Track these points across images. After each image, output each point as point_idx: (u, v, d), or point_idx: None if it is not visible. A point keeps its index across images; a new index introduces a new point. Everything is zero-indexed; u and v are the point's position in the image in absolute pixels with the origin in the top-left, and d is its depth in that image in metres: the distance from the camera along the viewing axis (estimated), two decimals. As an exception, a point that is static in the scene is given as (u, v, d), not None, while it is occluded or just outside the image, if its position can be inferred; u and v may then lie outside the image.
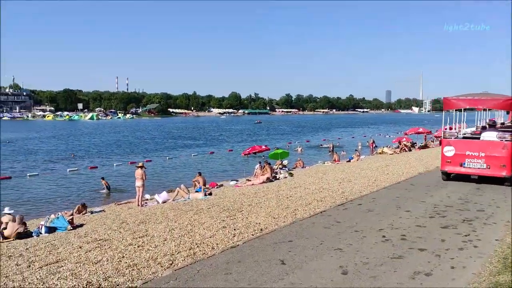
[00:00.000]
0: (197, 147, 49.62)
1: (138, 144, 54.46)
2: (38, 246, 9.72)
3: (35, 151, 44.52)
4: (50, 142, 56.25)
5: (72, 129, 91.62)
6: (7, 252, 9.41)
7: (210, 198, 16.22)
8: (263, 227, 9.49)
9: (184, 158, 38.74)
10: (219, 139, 63.83)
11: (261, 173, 22.54)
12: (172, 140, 60.51)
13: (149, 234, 9.61)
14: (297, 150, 42.98)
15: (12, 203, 19.34)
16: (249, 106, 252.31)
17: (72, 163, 34.47)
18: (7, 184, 25.40)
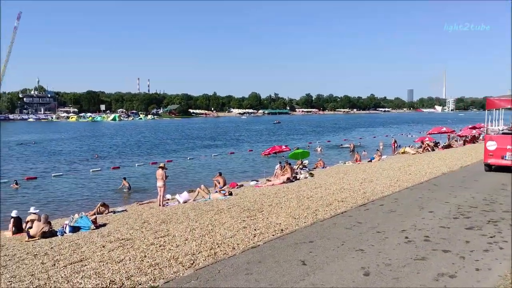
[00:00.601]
0: (217, 148, 49.85)
1: (159, 144, 55.04)
2: (63, 245, 9.92)
3: (59, 152, 45.44)
4: (74, 143, 57.33)
5: (95, 130, 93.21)
6: (32, 251, 9.64)
7: (230, 198, 16.26)
8: (283, 228, 9.46)
9: (205, 158, 38.97)
10: (239, 139, 63.97)
11: (282, 173, 22.47)
12: (193, 141, 60.94)
13: (170, 234, 9.70)
14: (317, 150, 42.76)
15: (37, 202, 19.83)
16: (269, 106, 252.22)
17: (95, 164, 35.05)
18: (32, 184, 26.00)
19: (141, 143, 57.79)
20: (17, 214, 14.04)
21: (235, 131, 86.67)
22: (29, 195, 22.97)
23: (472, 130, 45.77)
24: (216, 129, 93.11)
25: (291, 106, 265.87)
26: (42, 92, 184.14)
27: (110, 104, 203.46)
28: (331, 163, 31.55)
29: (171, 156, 40.03)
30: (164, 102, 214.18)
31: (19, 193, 23.52)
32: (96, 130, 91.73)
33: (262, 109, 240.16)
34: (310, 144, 49.75)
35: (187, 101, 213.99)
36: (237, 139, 63.50)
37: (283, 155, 33.98)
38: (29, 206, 16.43)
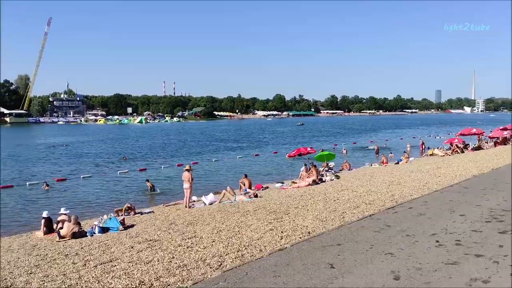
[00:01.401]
0: (241, 150, 49.99)
1: (184, 146, 55.61)
2: (92, 246, 10.13)
3: (87, 154, 46.44)
4: (102, 146, 58.50)
5: (122, 132, 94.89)
6: (64, 251, 9.87)
7: (256, 200, 16.28)
8: (310, 230, 9.40)
9: (230, 160, 39.13)
10: (263, 141, 64.01)
11: (307, 176, 22.34)
12: (217, 143, 61.32)
13: (197, 235, 9.77)
14: (343, 152, 42.38)
15: (67, 203, 20.30)
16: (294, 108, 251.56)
17: (123, 166, 35.66)
18: (62, 185, 26.64)
19: (166, 145, 58.50)
20: (48, 215, 14.40)
21: (259, 133, 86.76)
22: (59, 196, 23.54)
23: (503, 131, 44.43)
24: (241, 131, 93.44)
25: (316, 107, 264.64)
26: (72, 96, 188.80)
27: (136, 107, 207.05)
28: (357, 165, 31.20)
29: (196, 158, 40.36)
30: (189, 104, 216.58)
31: (50, 194, 24.15)
32: (123, 133, 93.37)
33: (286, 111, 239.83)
34: (336, 146, 49.34)
35: (212, 104, 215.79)
36: (262, 141, 63.56)
37: (308, 157, 33.78)
38: (59, 207, 16.86)
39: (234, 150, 49.93)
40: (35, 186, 26.04)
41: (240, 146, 54.95)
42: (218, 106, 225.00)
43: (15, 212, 19.62)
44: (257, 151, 47.67)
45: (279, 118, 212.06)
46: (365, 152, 43.74)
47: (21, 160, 40.99)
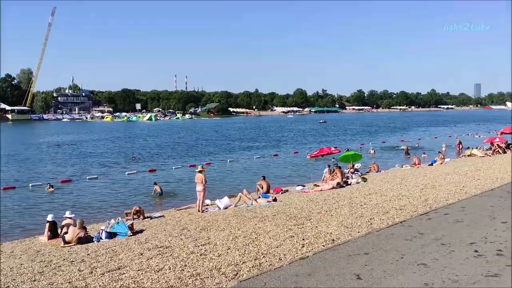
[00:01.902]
0: (258, 149, 50.04)
1: (197, 146, 55.94)
2: (99, 252, 10.28)
3: (94, 154, 47.10)
4: (109, 145, 59.25)
5: (130, 130, 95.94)
6: (69, 257, 10.05)
7: (274, 204, 16.30)
8: (335, 238, 9.38)
9: (246, 161, 39.22)
10: (283, 140, 63.96)
11: (331, 178, 22.26)
12: (233, 142, 61.50)
13: (211, 242, 9.84)
14: (370, 152, 42.06)
15: (72, 206, 20.63)
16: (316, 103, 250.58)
17: (131, 166, 36.06)
18: (67, 187, 27.08)
19: (178, 144, 58.95)
20: (52, 219, 14.66)
21: (278, 131, 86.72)
22: (63, 198, 23.94)
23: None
24: (258, 129, 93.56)
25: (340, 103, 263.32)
26: (77, 91, 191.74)
27: (146, 103, 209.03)
28: (386, 167, 30.94)
29: (209, 159, 40.57)
30: (202, 100, 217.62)
31: (54, 196, 24.57)
32: (132, 131, 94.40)
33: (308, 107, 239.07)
34: (362, 146, 49.00)
35: (226, 99, 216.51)
36: (281, 140, 63.50)
37: (332, 158, 33.66)
38: (64, 210, 17.14)
39: (251, 149, 50.01)
40: (39, 188, 26.52)
41: (257, 146, 55.02)
42: (234, 102, 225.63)
43: (17, 215, 20.02)
44: (276, 151, 47.64)
45: (300, 114, 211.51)
46: (395, 153, 43.31)
47: (23, 160, 41.81)
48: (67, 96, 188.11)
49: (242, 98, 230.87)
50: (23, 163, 39.85)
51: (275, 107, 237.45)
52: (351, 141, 59.01)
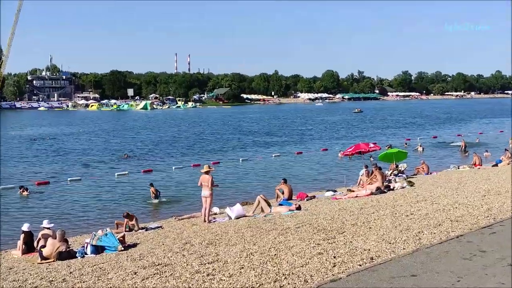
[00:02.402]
0: (278, 146, 50.10)
1: (202, 141, 56.23)
2: (84, 270, 10.40)
3: (76, 150, 47.66)
4: (95, 139, 59.90)
5: (121, 122, 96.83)
6: (47, 276, 10.19)
7: (298, 213, 16.30)
8: (374, 255, 9.34)
9: (262, 160, 39.28)
10: (308, 134, 63.92)
11: (369, 182, 22.19)
12: (246, 136, 61.66)
13: (220, 259, 9.88)
14: (418, 149, 41.83)
15: (51, 214, 20.89)
16: (351, 89, 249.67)
17: (122, 166, 36.39)
18: (44, 190, 27.43)
19: (178, 139, 59.32)
20: (29, 229, 14.87)
21: (303, 123, 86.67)
22: (40, 204, 24.27)
23: None
24: (277, 121, 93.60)
25: (381, 88, 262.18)
26: (56, 73, 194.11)
27: (139, 88, 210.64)
28: (438, 168, 30.76)
29: (217, 157, 40.73)
30: (209, 84, 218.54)
31: (28, 201, 24.92)
32: (123, 122, 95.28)
33: (340, 93, 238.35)
34: (408, 142, 48.73)
35: (239, 83, 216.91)
36: (306, 134, 63.50)
37: (370, 157, 33.51)
38: (40, 219, 17.35)
39: (268, 146, 50.08)
40: (10, 192, 26.91)
41: (276, 141, 55.07)
42: (248, 86, 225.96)
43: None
44: (300, 147, 47.64)
45: (331, 102, 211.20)
46: (450, 150, 43.00)
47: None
48: (44, 79, 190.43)
49: (258, 82, 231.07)
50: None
51: (299, 93, 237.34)
52: (394, 136, 58.72)
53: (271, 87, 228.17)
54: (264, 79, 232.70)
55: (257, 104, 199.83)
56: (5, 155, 43.98)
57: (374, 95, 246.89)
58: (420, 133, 60.53)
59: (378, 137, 56.80)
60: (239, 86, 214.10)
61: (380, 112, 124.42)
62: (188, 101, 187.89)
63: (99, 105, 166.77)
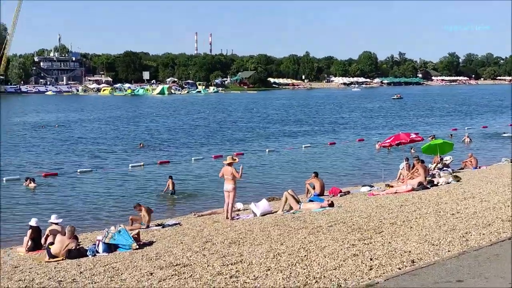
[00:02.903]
0: (308, 136, 49.97)
1: (224, 130, 56.32)
2: (96, 270, 10.55)
3: (87, 139, 48.14)
4: (107, 127, 60.43)
5: (136, 108, 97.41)
6: (56, 276, 10.36)
7: (331, 210, 16.27)
8: (415, 258, 9.29)
9: (291, 151, 39.22)
10: (342, 123, 63.60)
11: (410, 176, 22.06)
12: (273, 125, 61.58)
13: (244, 260, 9.92)
14: (465, 140, 41.35)
15: (59, 209, 21.19)
16: (390, 72, 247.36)
17: (136, 156, 36.66)
18: (52, 183, 27.80)
19: (199, 127, 59.53)
20: (37, 224, 15.11)
21: (336, 110, 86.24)
22: (48, 198, 24.60)
23: None
24: (308, 108, 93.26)
25: (425, 72, 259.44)
26: (65, 54, 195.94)
27: (156, 71, 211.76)
28: (488, 162, 30.36)
29: (241, 148, 40.79)
30: (232, 67, 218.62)
31: (36, 194, 25.30)
32: (137, 109, 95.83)
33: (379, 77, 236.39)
34: (455, 132, 48.17)
35: (265, 66, 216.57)
36: (339, 123, 63.18)
37: (412, 148, 33.25)
38: (48, 214, 17.61)
39: (298, 136, 49.98)
40: (15, 183, 27.33)
41: (306, 130, 54.91)
42: (275, 69, 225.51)
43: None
44: (333, 137, 47.42)
45: (368, 87, 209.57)
46: (502, 142, 42.39)
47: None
48: (52, 61, 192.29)
49: (287, 65, 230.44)
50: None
51: (332, 76, 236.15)
52: (438, 125, 58.10)
53: (301, 70, 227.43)
54: (293, 61, 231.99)
55: (286, 89, 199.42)
56: (9, 144, 44.65)
57: (417, 79, 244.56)
58: (468, 123, 59.77)
59: (420, 126, 56.27)
60: (265, 69, 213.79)
61: (423, 98, 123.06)
62: (209, 85, 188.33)
63: (111, 89, 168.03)
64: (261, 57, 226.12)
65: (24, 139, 48.90)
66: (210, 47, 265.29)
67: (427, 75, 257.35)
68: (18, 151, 40.62)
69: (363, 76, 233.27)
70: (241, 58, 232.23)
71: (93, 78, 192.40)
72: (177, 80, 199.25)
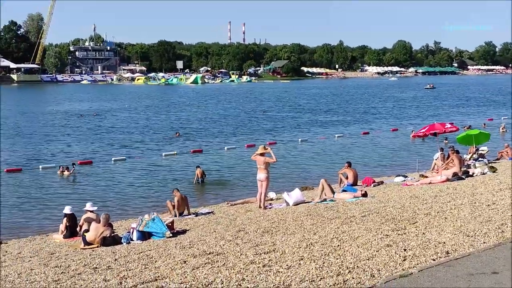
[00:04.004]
0: (342, 125, 49.80)
1: (258, 120, 56.36)
2: (130, 257, 10.70)
3: (122, 128, 48.70)
4: (141, 116, 61.00)
5: (170, 97, 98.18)
6: (91, 263, 10.53)
7: (364, 200, 16.22)
8: (450, 249, 9.21)
9: (324, 141, 39.13)
10: (374, 113, 63.16)
11: (444, 166, 21.88)
12: (305, 114, 61.44)
13: (277, 249, 9.95)
14: (501, 130, 40.73)
15: (94, 197, 21.51)
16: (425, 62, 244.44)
17: (170, 145, 36.98)
18: (87, 171, 28.23)
19: (231, 116, 59.69)
20: (71, 211, 15.37)
21: (369, 100, 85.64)
22: (83, 186, 25.04)
23: None
24: (341, 97, 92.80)
25: (460, 61, 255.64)
26: (100, 44, 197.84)
27: (189, 60, 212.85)
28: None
29: (272, 137, 40.83)
30: (265, 56, 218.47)
31: (70, 182, 25.74)
32: (171, 98, 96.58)
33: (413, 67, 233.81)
34: (490, 122, 47.47)
35: (299, 55, 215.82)
36: (372, 113, 62.74)
37: (446, 138, 32.90)
38: (83, 201, 17.93)
39: (329, 125, 49.82)
40: (51, 171, 27.82)
41: (338, 120, 54.70)
42: (309, 59, 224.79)
43: (25, 205, 21.18)
44: (366, 127, 47.15)
45: (402, 76, 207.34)
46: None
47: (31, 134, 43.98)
48: (87, 50, 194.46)
49: (321, 54, 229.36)
50: (31, 138, 41.91)
51: (366, 66, 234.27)
52: (473, 115, 57.28)
53: (335, 59, 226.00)
54: (327, 50, 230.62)
55: (319, 79, 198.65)
56: (45, 132, 45.54)
57: (452, 68, 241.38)
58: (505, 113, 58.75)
59: (455, 116, 55.55)
60: (299, 58, 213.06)
61: (457, 88, 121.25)
62: (243, 74, 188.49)
63: (145, 78, 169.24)
64: (295, 46, 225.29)
65: (62, 127, 49.64)
66: (244, 36, 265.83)
67: (462, 64, 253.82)
68: (55, 139, 41.33)
69: (397, 65, 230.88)
70: (274, 47, 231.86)
71: (127, 68, 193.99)
72: (210, 69, 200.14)
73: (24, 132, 45.69)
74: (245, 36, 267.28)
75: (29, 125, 51.64)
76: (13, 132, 45.69)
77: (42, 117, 59.67)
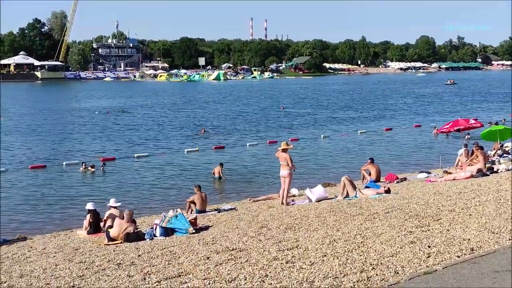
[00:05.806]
0: (365, 121, 49.53)
1: (279, 116, 56.31)
2: (154, 253, 10.79)
3: (144, 125, 48.98)
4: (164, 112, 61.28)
5: (192, 93, 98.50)
6: (115, 258, 10.63)
7: (387, 197, 16.14)
8: (475, 246, 9.14)
9: (347, 137, 39.00)
10: (397, 109, 62.81)
11: (469, 163, 21.73)
12: (327, 111, 61.30)
13: (300, 246, 9.95)
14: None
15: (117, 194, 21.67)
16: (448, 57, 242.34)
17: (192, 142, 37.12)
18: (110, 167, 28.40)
19: (253, 113, 59.70)
20: (94, 207, 15.50)
21: (392, 96, 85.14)
22: (105, 182, 25.23)
23: None
24: (363, 93, 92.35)
25: (484, 56, 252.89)
26: (122, 41, 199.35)
27: (211, 57, 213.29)
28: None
29: (295, 133, 40.77)
30: (287, 53, 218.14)
31: (94, 179, 25.94)
32: (194, 94, 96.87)
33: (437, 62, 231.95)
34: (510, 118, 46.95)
35: (321, 51, 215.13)
36: (394, 109, 62.37)
37: (468, 134, 32.63)
38: (106, 197, 18.08)
39: (353, 122, 49.61)
40: (74, 168, 28.06)
41: (361, 116, 54.45)
42: (331, 55, 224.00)
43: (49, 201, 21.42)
44: (389, 123, 46.89)
45: (425, 72, 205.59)
46: None
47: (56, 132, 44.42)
48: (110, 47, 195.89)
49: (343, 50, 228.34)
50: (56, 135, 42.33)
51: (389, 61, 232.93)
52: (497, 111, 56.60)
53: (357, 55, 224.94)
54: (349, 46, 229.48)
55: (341, 75, 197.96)
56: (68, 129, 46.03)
57: (476, 64, 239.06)
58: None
59: (478, 112, 55.04)
60: (321, 54, 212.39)
61: (479, 84, 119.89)
62: (265, 71, 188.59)
63: (168, 75, 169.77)
64: (316, 42, 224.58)
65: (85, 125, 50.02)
66: (265, 33, 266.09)
67: (486, 59, 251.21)
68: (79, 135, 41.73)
69: (420, 61, 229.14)
70: (296, 43, 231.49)
71: (150, 64, 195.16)
72: (232, 65, 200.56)
73: (48, 129, 46.15)
74: (267, 32, 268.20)
75: (54, 121, 52.18)
76: (39, 128, 46.26)
77: (67, 113, 60.29)
